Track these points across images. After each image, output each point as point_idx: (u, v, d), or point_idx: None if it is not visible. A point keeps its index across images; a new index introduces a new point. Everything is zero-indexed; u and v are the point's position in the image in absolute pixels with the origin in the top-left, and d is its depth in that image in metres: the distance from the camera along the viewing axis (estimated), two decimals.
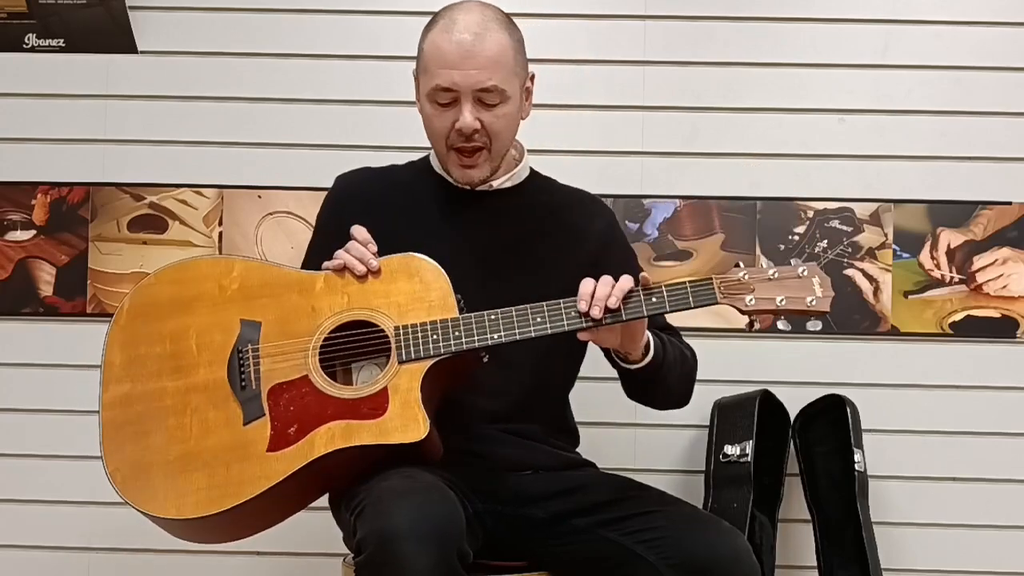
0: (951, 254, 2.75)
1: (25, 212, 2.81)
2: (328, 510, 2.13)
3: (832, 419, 2.64)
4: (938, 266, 2.75)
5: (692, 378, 2.23)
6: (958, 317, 2.75)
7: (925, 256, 2.76)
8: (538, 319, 1.96)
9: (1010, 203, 2.76)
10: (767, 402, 2.65)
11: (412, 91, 2.17)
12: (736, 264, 2.01)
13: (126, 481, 1.95)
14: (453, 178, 2.19)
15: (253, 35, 2.80)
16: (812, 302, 1.96)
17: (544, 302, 1.97)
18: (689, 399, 2.25)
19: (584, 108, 2.78)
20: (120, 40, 2.79)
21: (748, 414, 2.61)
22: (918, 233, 2.76)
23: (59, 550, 2.77)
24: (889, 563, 2.63)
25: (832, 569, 2.60)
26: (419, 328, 1.97)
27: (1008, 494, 2.73)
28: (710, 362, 2.68)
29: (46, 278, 2.81)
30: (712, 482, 2.61)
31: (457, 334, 1.96)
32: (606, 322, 1.94)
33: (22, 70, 2.81)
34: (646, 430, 2.75)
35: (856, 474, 2.58)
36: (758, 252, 2.75)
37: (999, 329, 2.75)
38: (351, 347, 2.00)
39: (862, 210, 2.76)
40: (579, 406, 2.30)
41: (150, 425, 1.97)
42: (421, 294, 2.00)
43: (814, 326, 1.96)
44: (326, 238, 2.18)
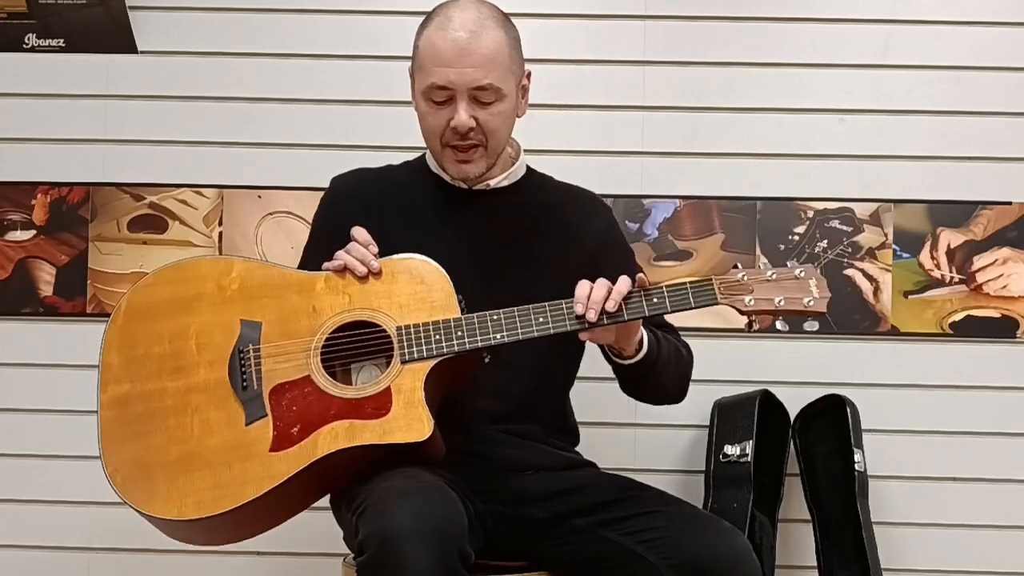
0: (951, 254, 2.75)
1: (25, 212, 2.81)
2: (328, 510, 2.13)
3: (832, 419, 2.64)
4: (938, 266, 2.75)
5: (687, 375, 2.23)
6: (958, 317, 2.75)
7: (925, 256, 2.76)
8: (540, 319, 1.96)
9: (1010, 203, 2.76)
10: (767, 402, 2.65)
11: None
12: (734, 265, 2.01)
13: (126, 482, 1.94)
14: (448, 175, 2.18)
15: (253, 35, 2.80)
16: (809, 303, 1.97)
17: (547, 302, 1.97)
18: (684, 395, 2.25)
19: (584, 108, 2.78)
20: (120, 40, 2.79)
21: (748, 414, 2.61)
22: (918, 233, 2.76)
23: (59, 550, 2.77)
24: (889, 563, 2.63)
25: (832, 569, 2.60)
26: (421, 328, 1.97)
27: (1008, 494, 2.73)
28: (710, 362, 2.70)
29: (46, 278, 2.81)
30: (712, 482, 2.61)
31: (460, 334, 1.97)
32: (607, 323, 1.94)
33: (22, 70, 2.81)
34: (646, 430, 2.75)
35: (856, 474, 2.58)
36: (758, 252, 2.75)
37: (999, 329, 2.75)
38: (353, 347, 2.00)
39: (862, 210, 2.76)
40: (579, 406, 2.30)
41: (150, 425, 1.96)
42: (423, 295, 2.00)
43: (811, 326, 1.97)
44: (323, 239, 2.17)
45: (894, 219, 2.76)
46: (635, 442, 2.75)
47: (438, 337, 1.97)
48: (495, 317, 1.97)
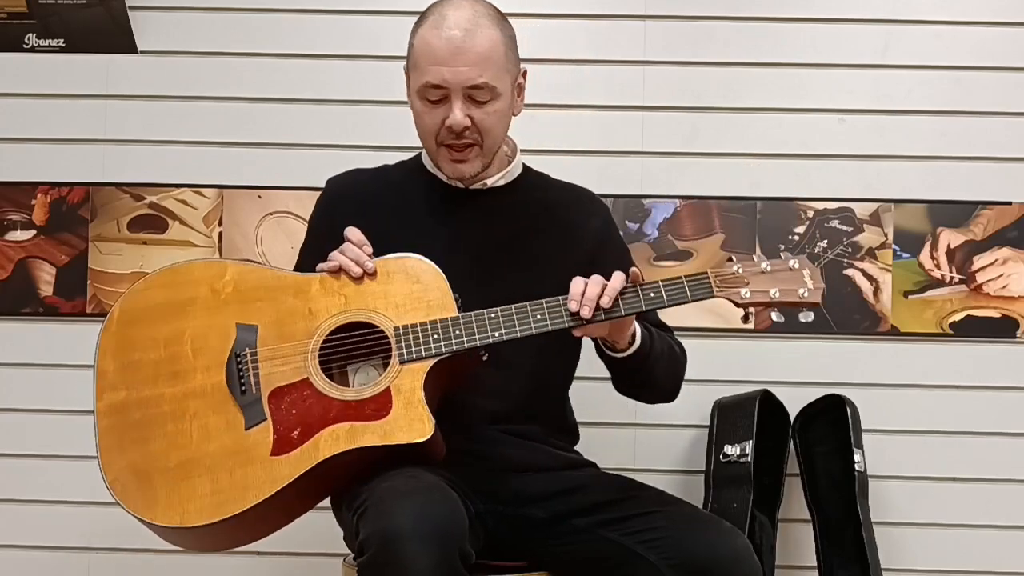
0: (951, 254, 2.75)
1: (25, 212, 2.81)
2: (329, 510, 2.12)
3: (832, 419, 2.64)
4: (938, 266, 2.75)
5: (680, 373, 2.23)
6: (958, 317, 2.75)
7: (925, 256, 2.76)
8: (538, 316, 1.96)
9: (1010, 203, 2.76)
10: (767, 402, 2.65)
11: None
12: (729, 258, 2.01)
13: (126, 490, 1.92)
14: (444, 174, 2.18)
15: (253, 35, 2.80)
16: (804, 294, 1.97)
17: (544, 299, 1.96)
18: (677, 393, 2.24)
19: (584, 108, 2.78)
20: (120, 40, 2.79)
21: (748, 414, 2.61)
22: (918, 233, 2.76)
23: (59, 550, 2.77)
24: (889, 563, 2.63)
25: (832, 569, 2.60)
26: (419, 328, 1.97)
27: (1008, 494, 2.73)
28: (710, 362, 2.70)
29: (46, 278, 2.81)
30: (712, 482, 2.61)
31: (458, 333, 1.96)
32: (603, 319, 1.94)
33: (22, 70, 2.81)
34: (646, 430, 2.75)
35: (856, 474, 2.58)
36: (758, 252, 2.75)
37: (999, 329, 2.75)
38: (350, 349, 1.99)
39: (862, 210, 2.76)
40: (579, 406, 2.29)
41: (148, 432, 1.94)
42: (419, 294, 2.00)
43: (806, 317, 1.96)
44: (319, 241, 2.16)
45: (894, 219, 2.76)
46: (635, 442, 2.75)
47: (436, 336, 1.96)
48: (492, 315, 1.96)
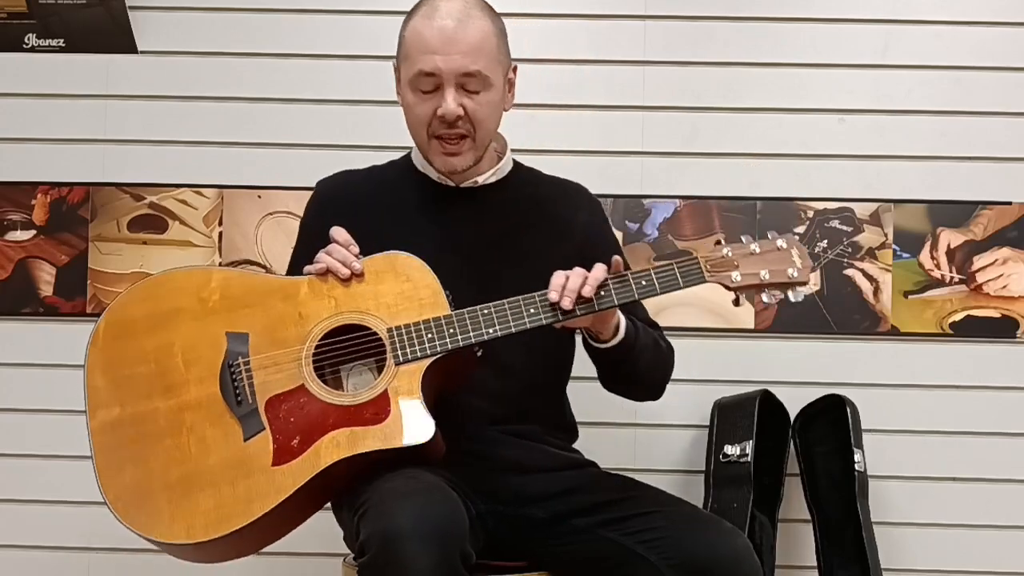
0: (951, 254, 2.75)
1: (25, 212, 2.81)
2: (329, 510, 2.11)
3: (832, 419, 2.64)
4: (938, 266, 2.75)
5: (666, 369, 2.21)
6: (958, 317, 2.75)
7: (925, 256, 2.76)
8: (531, 310, 1.94)
9: (1010, 203, 2.76)
10: (767, 402, 2.65)
11: None
12: (717, 241, 2.00)
13: (128, 509, 1.89)
14: (435, 167, 2.15)
15: (253, 35, 2.80)
16: (793, 274, 1.96)
17: (535, 292, 1.95)
18: (662, 391, 2.23)
19: (584, 108, 2.78)
20: (120, 40, 2.79)
21: (748, 414, 2.61)
22: (918, 233, 2.76)
23: (59, 550, 2.77)
24: (889, 563, 2.63)
25: (832, 569, 2.59)
26: (413, 328, 1.95)
27: (1008, 494, 2.73)
28: (710, 362, 2.71)
29: (46, 278, 2.81)
30: (712, 482, 2.61)
31: (452, 331, 1.94)
32: (599, 310, 1.93)
33: (22, 70, 2.81)
34: (646, 430, 2.75)
35: (856, 474, 2.58)
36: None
37: (999, 329, 2.74)
38: (344, 352, 1.97)
39: (862, 210, 2.76)
40: (579, 406, 2.29)
41: (146, 449, 1.91)
42: (410, 293, 1.97)
43: (796, 297, 1.96)
44: (311, 243, 2.11)
45: (894, 219, 2.76)
46: (635, 442, 2.75)
47: (430, 336, 1.94)
48: (486, 311, 1.95)
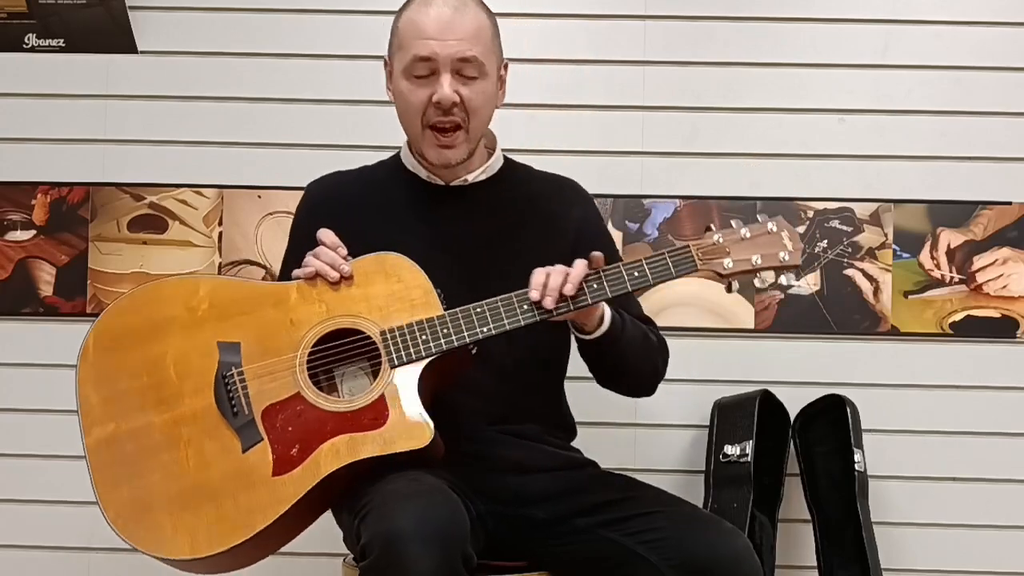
0: (951, 254, 2.75)
1: (25, 212, 2.81)
2: (328, 511, 2.12)
3: (832, 419, 2.64)
4: (938, 266, 2.75)
5: (657, 362, 2.19)
6: (958, 317, 2.75)
7: (925, 256, 2.76)
8: (524, 306, 1.93)
9: (1010, 203, 2.76)
10: (767, 402, 2.65)
11: None
12: (707, 227, 1.99)
13: (128, 525, 1.88)
14: (428, 160, 2.14)
15: (253, 35, 2.80)
16: (785, 257, 1.96)
17: (527, 289, 1.93)
18: (655, 386, 2.22)
19: (584, 108, 2.78)
20: (120, 40, 2.79)
21: (748, 414, 2.61)
22: (918, 233, 2.76)
23: (59, 550, 2.77)
24: (889, 563, 2.63)
25: (832, 569, 2.59)
26: (407, 330, 1.93)
27: (1008, 494, 2.73)
28: (710, 362, 2.71)
29: (46, 278, 2.81)
30: (712, 482, 2.61)
31: (446, 331, 1.93)
32: (589, 303, 1.93)
33: (22, 70, 2.81)
34: (646, 430, 2.75)
35: (856, 474, 2.58)
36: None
37: (999, 329, 2.74)
38: (338, 357, 1.95)
39: (862, 210, 2.76)
40: (579, 406, 2.29)
41: (144, 464, 1.89)
42: (401, 294, 1.95)
43: (788, 280, 1.95)
44: (302, 245, 2.09)
45: (894, 219, 2.76)
46: (635, 442, 2.75)
47: (424, 337, 1.93)
48: (479, 310, 1.93)
